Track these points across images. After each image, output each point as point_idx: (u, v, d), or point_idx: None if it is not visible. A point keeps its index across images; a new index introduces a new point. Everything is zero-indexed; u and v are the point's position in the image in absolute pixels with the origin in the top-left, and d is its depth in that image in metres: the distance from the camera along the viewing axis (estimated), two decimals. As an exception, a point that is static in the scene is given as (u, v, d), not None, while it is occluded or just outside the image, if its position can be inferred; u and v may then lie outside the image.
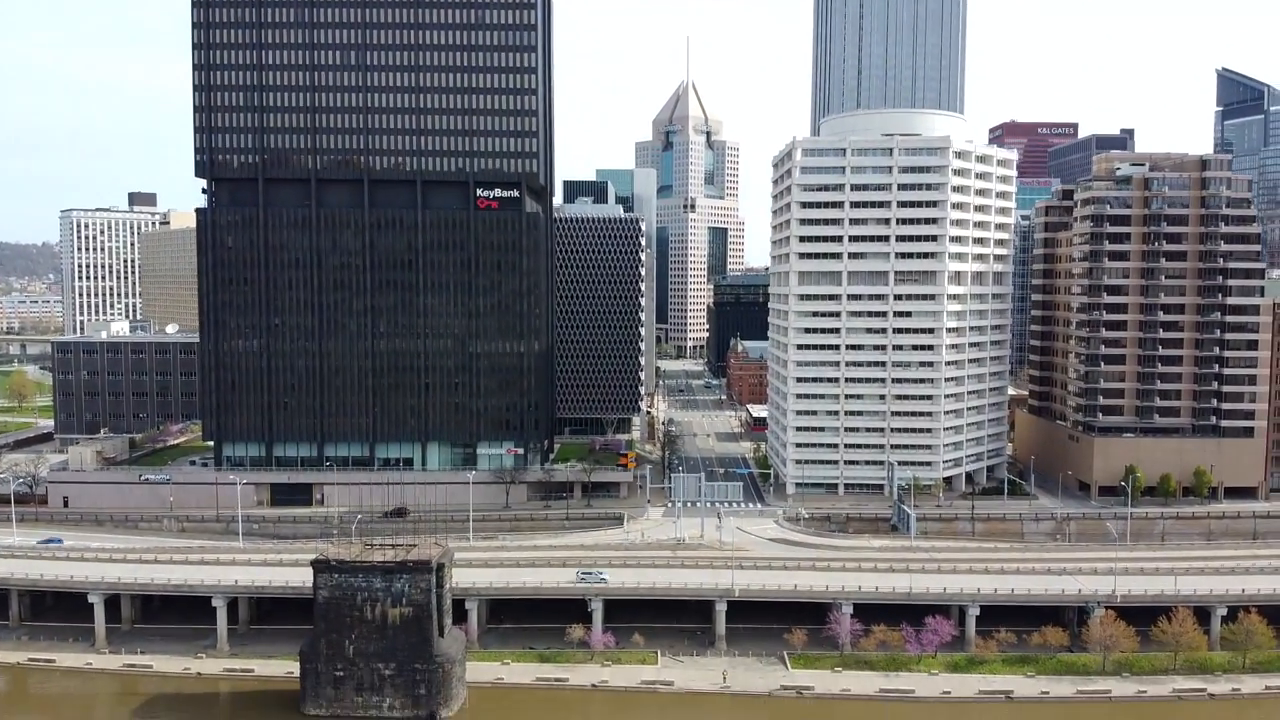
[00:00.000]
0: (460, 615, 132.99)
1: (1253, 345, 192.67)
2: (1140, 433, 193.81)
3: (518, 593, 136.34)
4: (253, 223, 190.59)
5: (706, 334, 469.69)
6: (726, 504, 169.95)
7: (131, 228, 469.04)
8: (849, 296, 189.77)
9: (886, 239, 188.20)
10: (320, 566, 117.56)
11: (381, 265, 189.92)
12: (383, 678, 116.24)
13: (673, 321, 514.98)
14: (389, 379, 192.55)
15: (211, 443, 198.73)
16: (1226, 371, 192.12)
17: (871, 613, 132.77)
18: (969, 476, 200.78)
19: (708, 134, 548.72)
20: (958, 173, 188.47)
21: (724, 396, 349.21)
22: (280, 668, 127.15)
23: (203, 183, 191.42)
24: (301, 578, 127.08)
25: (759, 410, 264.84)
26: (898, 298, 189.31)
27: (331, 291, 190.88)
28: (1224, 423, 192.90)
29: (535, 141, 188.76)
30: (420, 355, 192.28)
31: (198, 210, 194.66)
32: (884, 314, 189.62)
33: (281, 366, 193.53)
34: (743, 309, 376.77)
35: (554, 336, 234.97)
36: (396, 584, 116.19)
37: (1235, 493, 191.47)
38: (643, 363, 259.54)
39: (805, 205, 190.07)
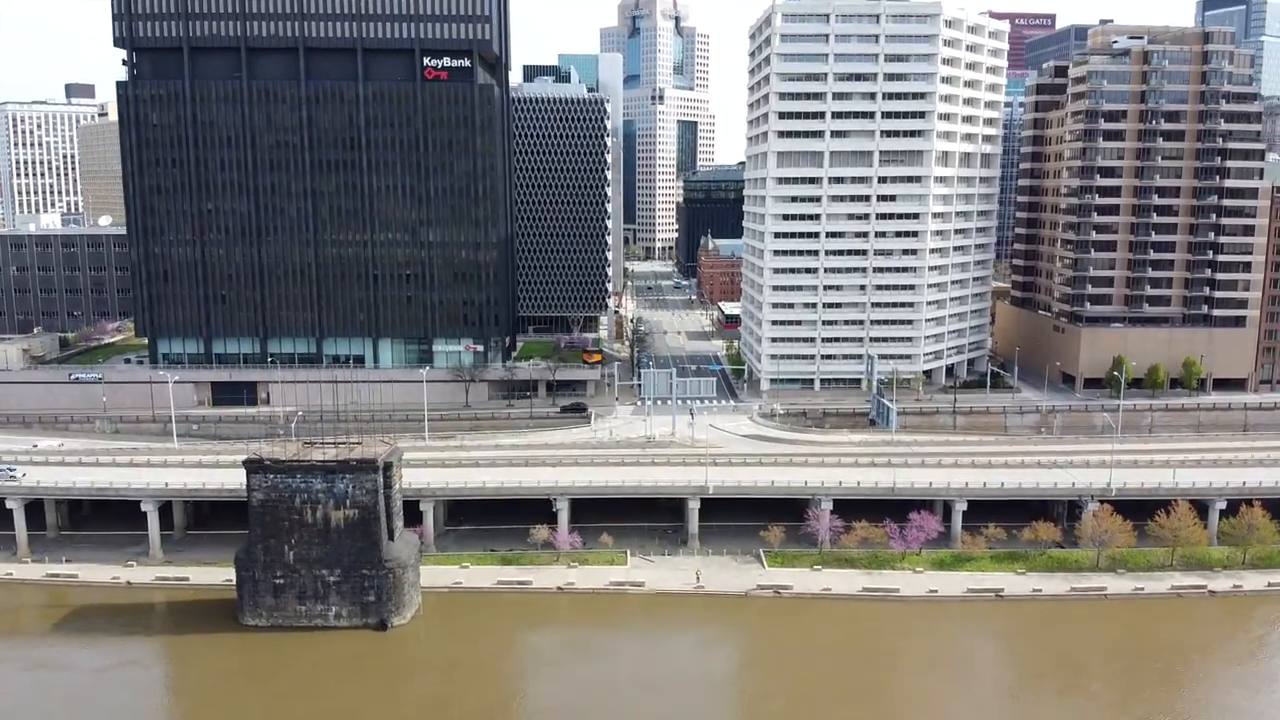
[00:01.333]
0: (414, 517, 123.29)
1: (1249, 231, 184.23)
2: (1129, 323, 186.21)
3: (477, 493, 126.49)
4: (178, 97, 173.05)
5: (676, 235, 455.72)
6: (699, 401, 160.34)
7: (70, 121, 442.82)
8: (830, 179, 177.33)
9: (871, 115, 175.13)
10: (253, 467, 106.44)
11: (321, 144, 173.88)
12: (327, 585, 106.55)
13: (641, 222, 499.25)
14: (334, 269, 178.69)
15: (146, 339, 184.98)
16: (1221, 259, 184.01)
17: (852, 509, 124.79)
18: (949, 370, 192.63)
19: (676, 19, 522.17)
20: (948, 44, 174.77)
21: (694, 297, 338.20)
22: (218, 575, 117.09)
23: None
24: (239, 480, 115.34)
25: (731, 307, 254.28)
26: (882, 180, 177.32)
27: (268, 173, 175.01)
28: (1216, 312, 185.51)
29: (488, 2, 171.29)
30: (367, 243, 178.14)
31: (118, 84, 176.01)
32: (867, 198, 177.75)
33: (217, 256, 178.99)
34: (714, 206, 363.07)
35: (514, 228, 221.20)
36: (339, 485, 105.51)
37: (1224, 385, 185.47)
38: (610, 258, 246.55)
39: (785, 78, 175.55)
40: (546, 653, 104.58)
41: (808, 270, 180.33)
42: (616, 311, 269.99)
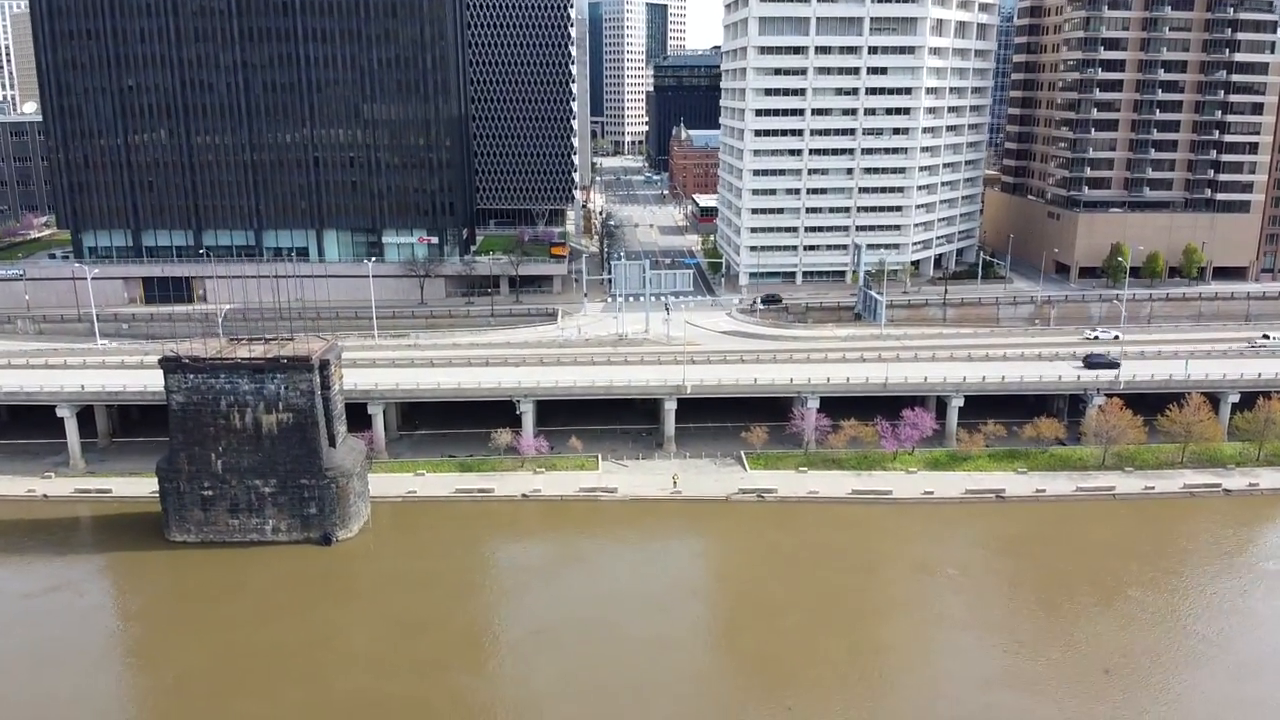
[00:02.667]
0: (363, 422, 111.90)
1: (1258, 109, 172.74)
2: (1128, 207, 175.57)
3: (431, 394, 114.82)
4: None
5: (645, 128, 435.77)
6: (674, 296, 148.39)
7: (2, 12, 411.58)
8: (817, 49, 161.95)
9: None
10: (171, 366, 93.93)
11: (251, 10, 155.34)
12: (262, 497, 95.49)
13: (609, 115, 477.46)
14: (271, 152, 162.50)
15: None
16: (1227, 139, 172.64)
17: (840, 408, 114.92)
18: (938, 261, 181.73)
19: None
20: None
21: (666, 191, 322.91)
22: (144, 486, 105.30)
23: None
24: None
25: (706, 200, 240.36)
26: (872, 50, 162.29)
27: (193, 44, 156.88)
28: (1219, 196, 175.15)
29: None
30: (306, 122, 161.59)
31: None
32: (856, 71, 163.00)
33: (141, 138, 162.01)
34: (685, 95, 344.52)
35: (471, 111, 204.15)
36: (269, 385, 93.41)
37: (1224, 274, 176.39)
38: (576, 145, 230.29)
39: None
40: (518, 567, 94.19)
41: (791, 152, 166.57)
42: (584, 206, 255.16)
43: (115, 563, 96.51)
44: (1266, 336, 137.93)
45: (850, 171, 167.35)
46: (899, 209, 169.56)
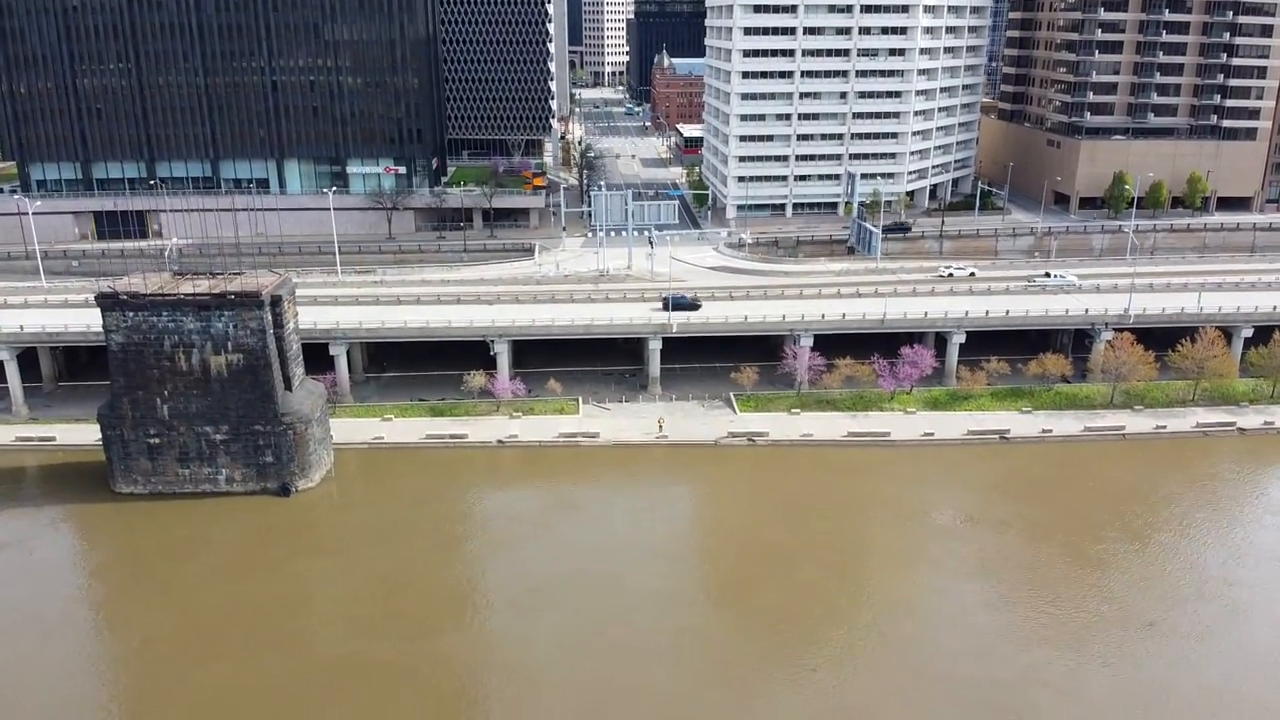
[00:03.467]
0: (326, 364, 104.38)
1: (1267, 31, 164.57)
2: (1131, 134, 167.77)
3: (398, 333, 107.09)
4: None
5: (626, 59, 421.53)
6: (658, 230, 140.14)
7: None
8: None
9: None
10: (108, 303, 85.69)
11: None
12: (214, 444, 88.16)
13: (589, 45, 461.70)
14: (226, 76, 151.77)
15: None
16: (1234, 62, 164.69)
17: (834, 346, 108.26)
18: (933, 191, 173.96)
19: None
20: None
21: (648, 124, 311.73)
22: (91, 434, 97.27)
23: None
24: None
25: (691, 130, 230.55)
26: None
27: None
28: (1225, 122, 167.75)
29: None
30: (263, 42, 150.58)
31: None
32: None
33: (87, 62, 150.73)
34: (667, 21, 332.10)
35: (441, 32, 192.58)
36: (216, 324, 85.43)
37: (1228, 204, 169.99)
38: (553, 71, 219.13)
39: None
40: (504, 517, 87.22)
41: (781, 74, 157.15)
42: (563, 138, 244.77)
43: (64, 517, 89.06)
44: (1048, 275, 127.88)
45: (844, 95, 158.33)
46: (894, 136, 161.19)
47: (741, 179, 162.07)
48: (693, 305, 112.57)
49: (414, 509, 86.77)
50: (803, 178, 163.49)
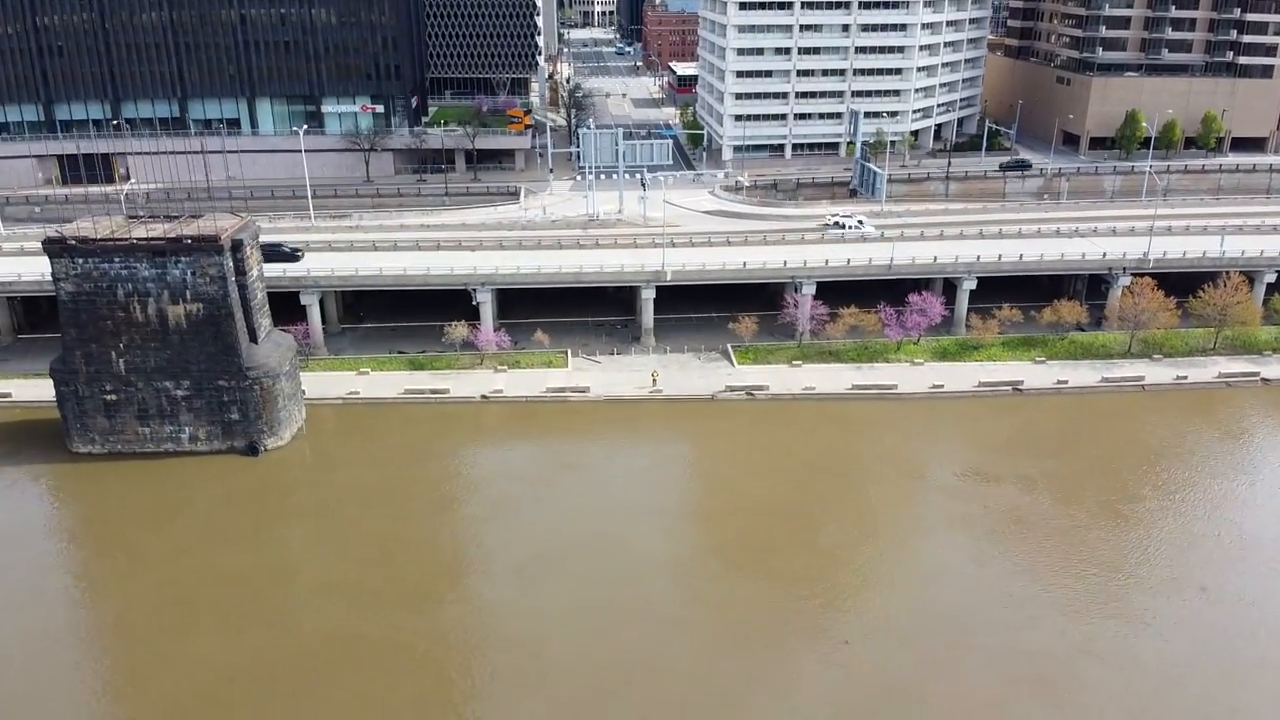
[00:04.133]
0: (297, 314, 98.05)
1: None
2: (1145, 71, 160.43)
3: (373, 282, 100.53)
4: None
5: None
6: (650, 172, 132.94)
7: None
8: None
9: None
10: (55, 249, 79.00)
11: None
12: (175, 401, 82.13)
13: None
14: (193, 10, 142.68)
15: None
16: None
17: (837, 294, 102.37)
18: (937, 131, 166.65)
19: None
20: None
21: (639, 63, 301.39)
22: (49, 390, 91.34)
23: None
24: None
25: (685, 68, 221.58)
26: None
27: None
28: (1242, 59, 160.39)
29: None
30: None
31: None
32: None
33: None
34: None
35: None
36: (173, 271, 78.85)
37: (1242, 145, 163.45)
38: (539, 4, 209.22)
39: None
40: (490, 478, 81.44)
41: (781, 5, 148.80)
42: (550, 77, 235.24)
43: (23, 479, 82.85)
44: (839, 225, 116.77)
45: (846, 29, 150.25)
46: (899, 72, 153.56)
47: (738, 118, 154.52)
48: (291, 256, 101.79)
49: (397, 469, 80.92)
50: (803, 117, 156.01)
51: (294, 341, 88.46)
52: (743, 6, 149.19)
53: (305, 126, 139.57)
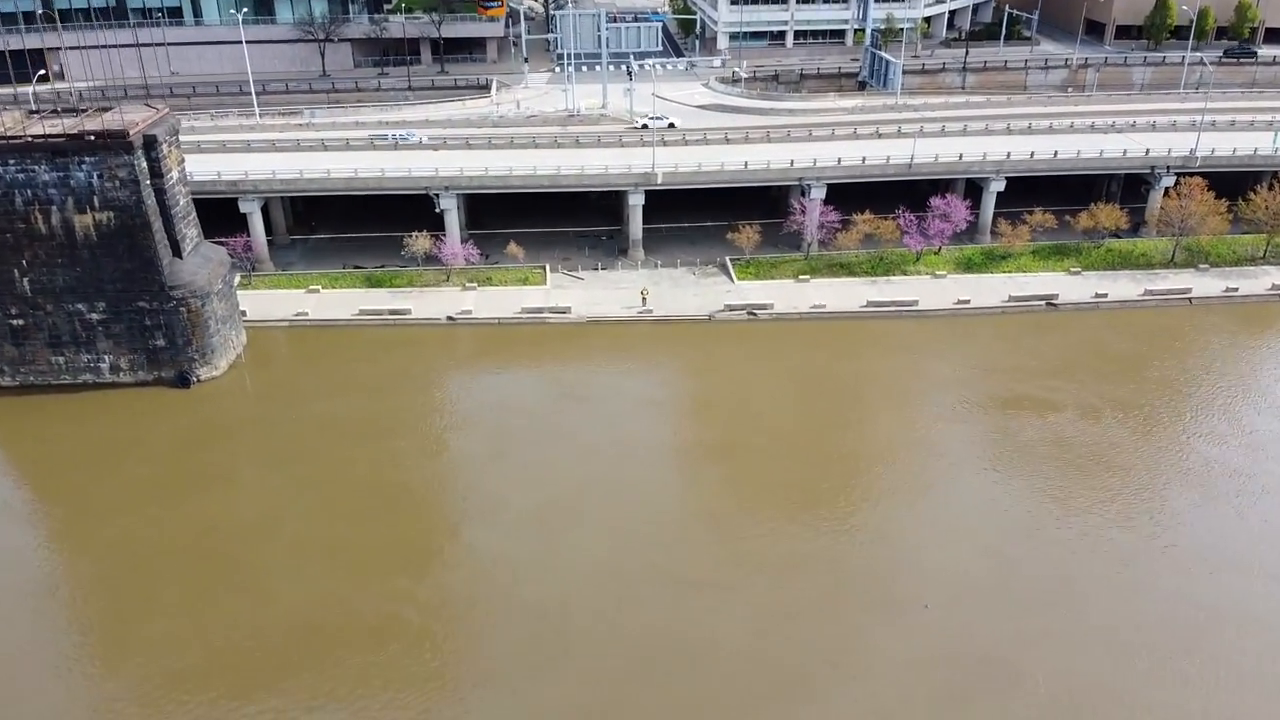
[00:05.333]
0: (238, 224, 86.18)
1: None
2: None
3: (318, 186, 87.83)
4: None
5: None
6: (637, 62, 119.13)
7: None
8: None
9: None
10: (-67, 149, 66.55)
11: None
12: (90, 326, 70.93)
13: None
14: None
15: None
16: None
17: (849, 199, 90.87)
18: (950, 19, 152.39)
19: None
20: None
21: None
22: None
23: None
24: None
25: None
26: None
27: None
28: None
29: None
30: None
31: None
32: None
33: None
34: None
35: None
36: (76, 174, 66.74)
37: (1275, 36, 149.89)
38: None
39: None
40: (466, 413, 70.72)
41: None
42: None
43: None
44: (645, 126, 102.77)
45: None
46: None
47: (735, 1, 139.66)
48: None
49: (357, 401, 69.76)
50: (806, 0, 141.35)
51: (227, 255, 76.70)
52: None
53: (256, 16, 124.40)
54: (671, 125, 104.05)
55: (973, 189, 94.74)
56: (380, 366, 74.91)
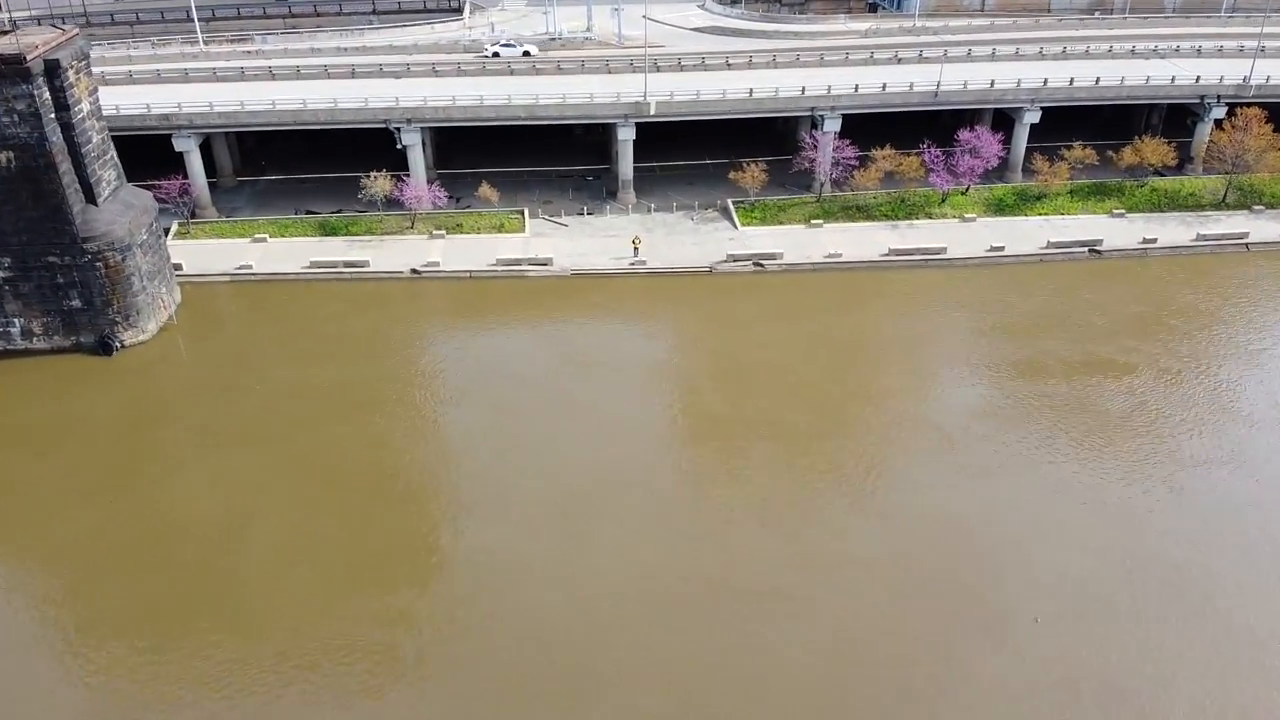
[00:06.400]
0: (172, 165, 75.59)
1: None
2: None
3: (266, 119, 76.31)
4: None
5: None
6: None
7: None
8: None
9: None
10: None
11: None
12: (-7, 286, 60.97)
13: None
14: None
15: None
16: None
17: (866, 133, 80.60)
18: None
19: None
20: None
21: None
22: None
23: None
24: None
25: None
26: None
27: None
28: None
29: None
30: None
31: None
32: None
33: None
34: None
35: None
36: (-39, 105, 56.18)
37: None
38: None
39: None
40: (444, 382, 60.65)
41: None
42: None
43: None
44: (497, 55, 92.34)
45: None
46: None
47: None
48: None
49: (311, 370, 59.84)
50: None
51: (153, 201, 66.21)
52: None
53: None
54: (527, 54, 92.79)
55: (999, 122, 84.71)
56: (335, 328, 65.21)
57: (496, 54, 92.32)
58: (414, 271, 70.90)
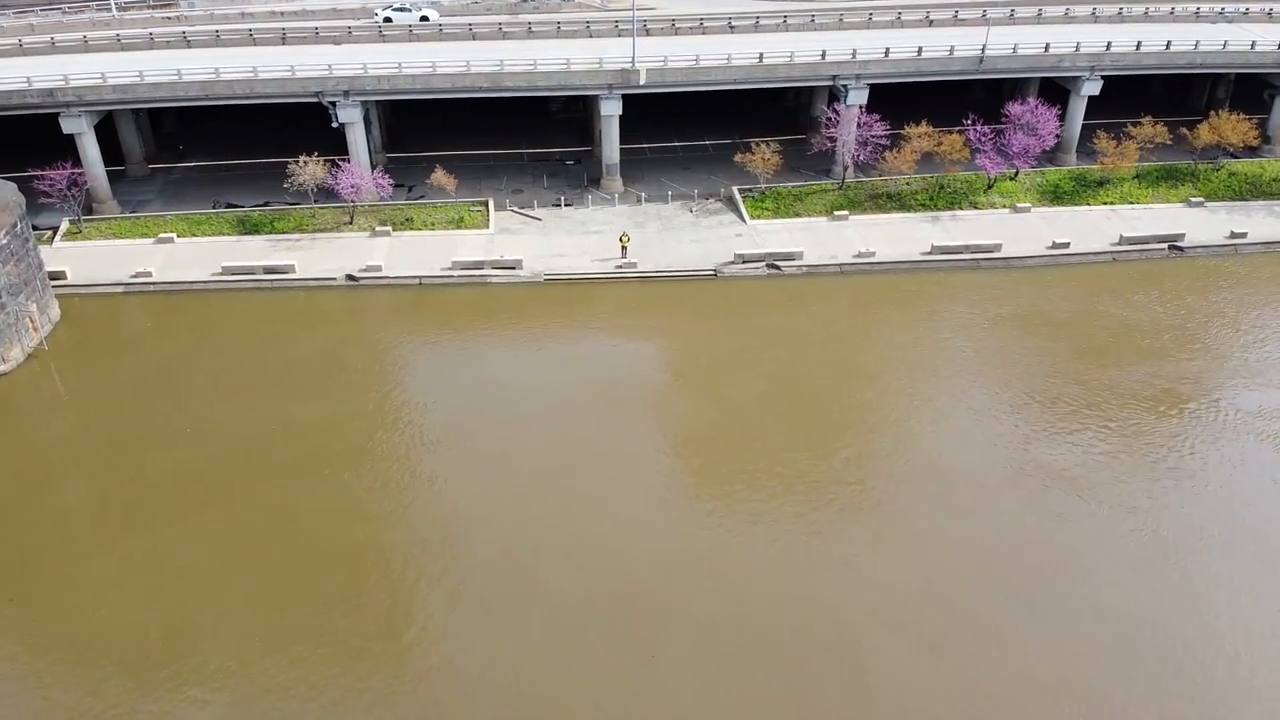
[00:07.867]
0: (57, 150, 61.95)
1: None
2: None
3: (169, 94, 62.42)
4: None
5: None
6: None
7: None
8: None
9: None
10: None
11: None
12: None
13: None
14: None
15: None
16: None
17: (901, 106, 67.88)
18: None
19: None
20: None
21: None
22: None
23: None
24: None
25: None
26: None
27: None
28: None
29: None
30: None
31: None
32: None
33: None
34: None
35: None
36: None
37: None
38: None
39: None
40: (378, 431, 46.30)
41: None
42: None
43: None
44: (388, 20, 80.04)
45: None
46: None
47: None
48: None
49: (230, 408, 46.81)
50: None
51: (16, 195, 52.53)
52: None
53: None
54: (425, 18, 79.78)
55: (1050, 94, 71.94)
56: (250, 352, 51.98)
57: (389, 19, 78.72)
58: (350, 278, 57.68)
